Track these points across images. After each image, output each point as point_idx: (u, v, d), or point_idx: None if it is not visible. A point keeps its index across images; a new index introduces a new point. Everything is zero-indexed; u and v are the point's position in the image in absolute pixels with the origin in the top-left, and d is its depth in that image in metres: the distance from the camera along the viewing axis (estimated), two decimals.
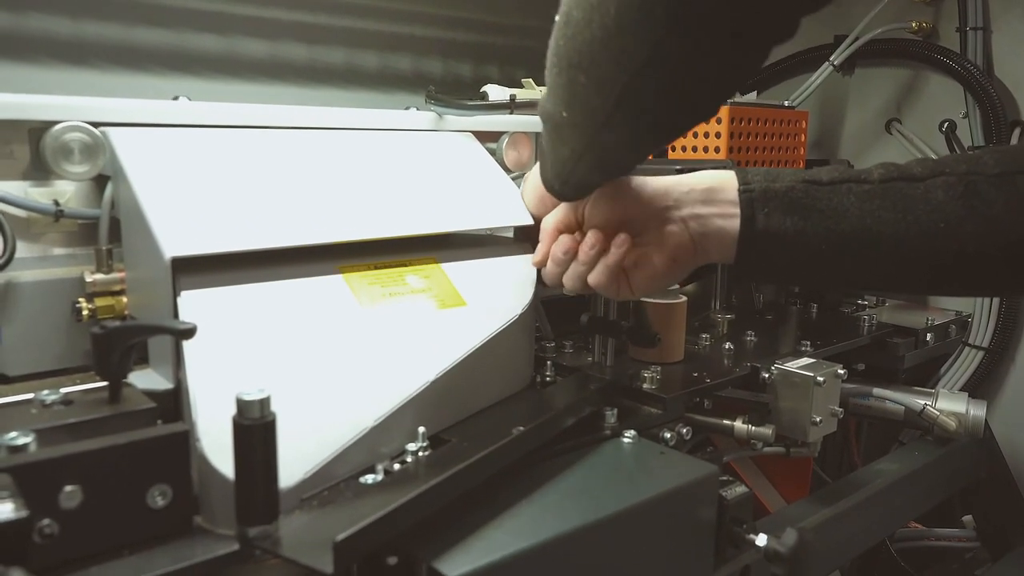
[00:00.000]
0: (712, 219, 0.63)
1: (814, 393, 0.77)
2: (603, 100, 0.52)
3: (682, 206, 0.64)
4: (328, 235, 0.65)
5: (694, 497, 0.61)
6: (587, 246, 0.64)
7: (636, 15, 0.46)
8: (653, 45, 0.47)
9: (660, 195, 0.64)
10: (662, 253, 0.64)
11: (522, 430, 0.59)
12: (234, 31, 0.99)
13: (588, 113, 0.54)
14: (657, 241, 0.64)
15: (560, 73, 0.54)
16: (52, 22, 0.86)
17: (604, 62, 0.50)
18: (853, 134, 1.33)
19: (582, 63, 0.51)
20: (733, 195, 0.62)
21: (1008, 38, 1.14)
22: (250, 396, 0.44)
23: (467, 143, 0.88)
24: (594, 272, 0.65)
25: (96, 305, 0.66)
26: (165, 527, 0.46)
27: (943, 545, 1.13)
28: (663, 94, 0.51)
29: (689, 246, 0.64)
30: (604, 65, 0.50)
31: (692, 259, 0.65)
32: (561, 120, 0.57)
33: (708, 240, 0.63)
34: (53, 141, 0.65)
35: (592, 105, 0.53)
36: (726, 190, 0.63)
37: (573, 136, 0.57)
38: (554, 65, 0.54)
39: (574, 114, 0.55)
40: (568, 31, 0.51)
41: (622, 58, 0.49)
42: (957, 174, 0.59)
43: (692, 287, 1.23)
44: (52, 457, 0.42)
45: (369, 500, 0.50)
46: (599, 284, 0.65)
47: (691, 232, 0.64)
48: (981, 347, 1.15)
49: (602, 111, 0.53)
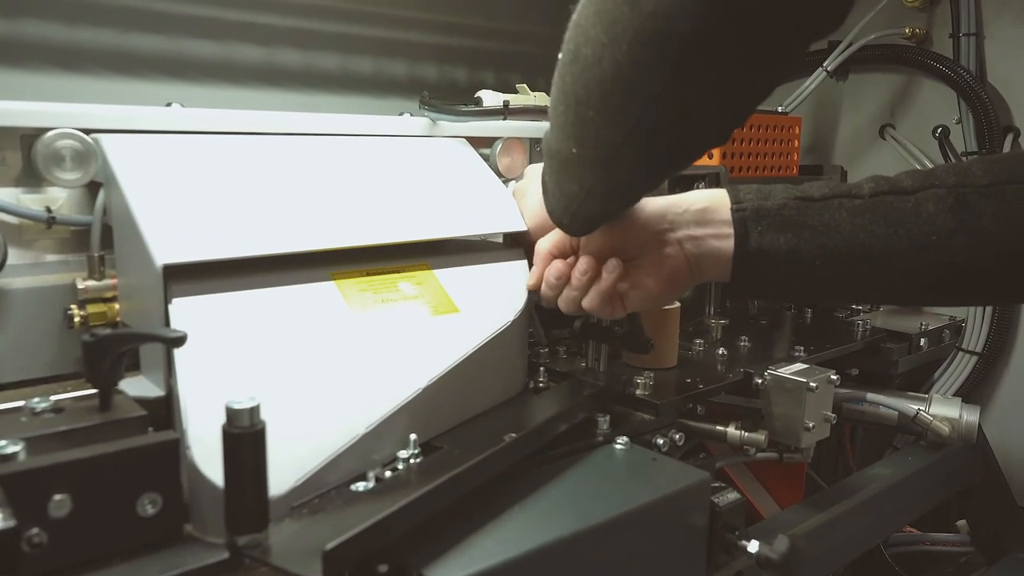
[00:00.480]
0: (707, 240, 0.63)
1: (807, 399, 0.77)
2: (614, 134, 0.52)
3: (677, 228, 0.64)
4: (321, 242, 0.65)
5: (686, 504, 0.61)
6: (579, 272, 0.65)
7: (649, 51, 0.46)
8: (665, 80, 0.47)
9: (655, 219, 0.65)
10: (658, 276, 0.65)
11: (514, 437, 0.60)
12: (229, 37, 0.99)
13: (598, 147, 0.54)
14: (653, 264, 0.65)
15: (568, 110, 0.53)
16: (47, 28, 0.86)
17: (616, 97, 0.49)
18: (847, 140, 1.34)
19: (591, 99, 0.50)
20: (726, 215, 0.62)
21: (1001, 44, 1.14)
22: (240, 405, 0.44)
23: (461, 149, 0.88)
24: (588, 297, 0.66)
25: (88, 312, 0.66)
26: (155, 535, 0.46)
27: (937, 550, 1.14)
28: (674, 125, 0.51)
29: (685, 268, 0.64)
30: (616, 100, 0.49)
31: (688, 280, 0.65)
32: (570, 156, 0.56)
33: (703, 261, 0.64)
34: (44, 148, 0.65)
35: (602, 139, 0.53)
36: (719, 209, 0.63)
37: (582, 171, 0.57)
38: (560, 102, 0.54)
39: (584, 149, 0.55)
40: (576, 68, 0.50)
41: (634, 92, 0.48)
42: (947, 186, 0.59)
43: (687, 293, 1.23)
44: (41, 466, 0.42)
45: (360, 508, 0.50)
46: (593, 308, 0.66)
47: (686, 254, 0.64)
48: (975, 352, 1.15)
49: (612, 145, 0.52)
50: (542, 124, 0.98)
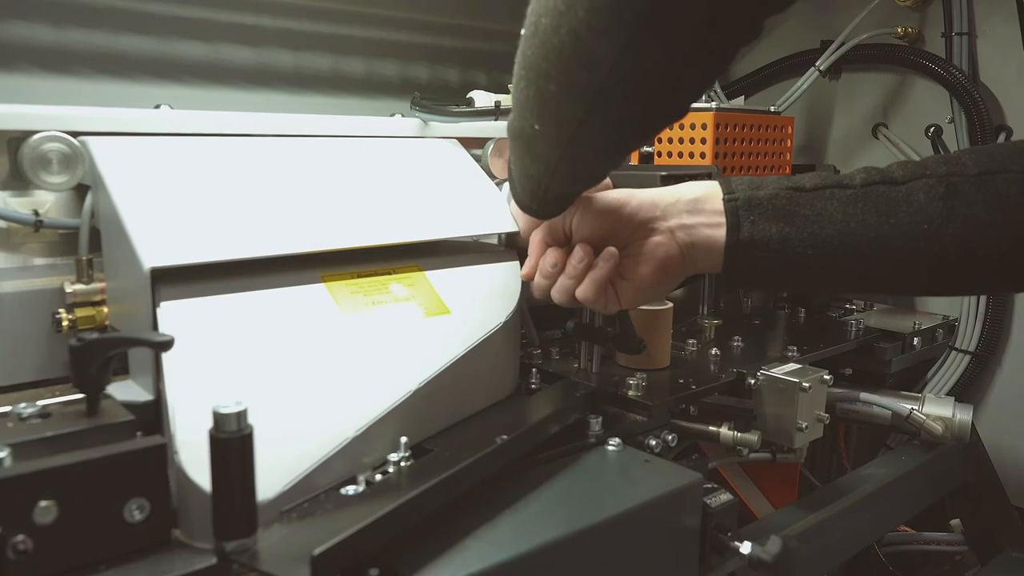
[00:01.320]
0: (699, 228, 0.63)
1: (799, 399, 0.77)
2: (574, 107, 0.52)
3: (669, 217, 0.64)
4: (310, 244, 0.64)
5: (678, 505, 0.61)
6: (575, 259, 0.65)
7: (606, 18, 0.46)
8: (623, 48, 0.47)
9: (647, 207, 0.65)
10: (650, 264, 0.65)
11: (505, 439, 0.59)
12: (219, 38, 0.98)
13: (560, 123, 0.54)
14: (645, 252, 0.65)
15: (529, 84, 0.53)
16: (35, 29, 0.86)
17: (575, 68, 0.49)
18: (840, 139, 1.34)
19: (551, 71, 0.51)
20: (718, 204, 0.62)
21: (993, 43, 1.14)
22: (227, 409, 0.43)
23: (452, 150, 0.87)
24: (582, 286, 0.65)
25: (76, 316, 0.66)
26: (143, 541, 0.46)
27: (931, 549, 1.14)
28: (634, 97, 0.51)
29: (677, 257, 0.64)
30: (575, 71, 0.50)
31: (680, 270, 0.65)
32: (532, 133, 0.56)
33: (696, 250, 0.64)
34: (31, 151, 0.64)
35: (564, 114, 0.53)
36: (711, 199, 0.63)
37: (546, 150, 0.57)
38: (522, 77, 0.54)
39: (546, 125, 0.55)
40: (536, 40, 0.51)
41: (593, 63, 0.48)
42: (937, 175, 0.59)
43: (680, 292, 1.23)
44: (26, 472, 0.42)
45: (350, 511, 0.50)
46: (587, 298, 0.65)
47: (679, 242, 0.64)
48: (968, 351, 1.15)
49: (574, 119, 0.53)
50: None
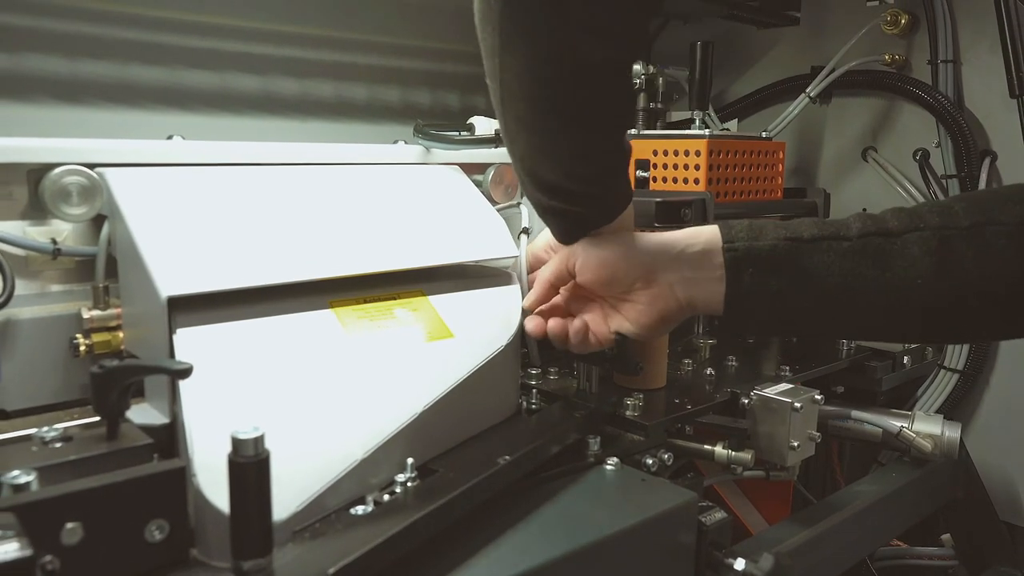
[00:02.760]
0: (700, 282, 0.65)
1: (792, 418, 0.80)
2: (497, 91, 0.60)
3: (670, 270, 0.65)
4: (319, 271, 0.67)
5: (674, 523, 0.63)
6: (573, 331, 0.70)
7: (482, 6, 0.55)
8: (499, 33, 0.55)
9: (648, 259, 0.66)
10: (649, 314, 0.67)
11: (508, 460, 0.62)
12: (226, 67, 1.01)
13: (505, 117, 0.61)
14: (645, 303, 0.67)
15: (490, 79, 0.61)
16: (48, 61, 0.88)
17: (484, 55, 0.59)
18: (830, 162, 1.37)
19: (491, 72, 0.59)
20: (719, 258, 0.64)
21: (977, 71, 1.17)
22: (245, 435, 0.45)
23: (454, 176, 0.90)
24: (581, 347, 0.70)
25: (93, 341, 0.68)
26: (163, 560, 0.48)
27: (923, 563, 1.16)
28: (517, 95, 0.58)
29: (675, 308, 0.66)
30: (486, 58, 0.59)
31: (678, 316, 0.67)
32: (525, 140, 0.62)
33: (695, 301, 0.66)
34: (52, 185, 0.67)
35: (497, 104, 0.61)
36: (713, 254, 0.64)
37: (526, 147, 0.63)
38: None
39: (504, 123, 0.63)
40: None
41: (487, 51, 0.57)
42: (931, 228, 0.61)
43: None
44: (53, 496, 0.44)
45: (360, 531, 0.52)
46: (581, 352, 0.72)
47: (678, 295, 0.66)
48: (956, 370, 1.18)
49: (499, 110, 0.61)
50: None
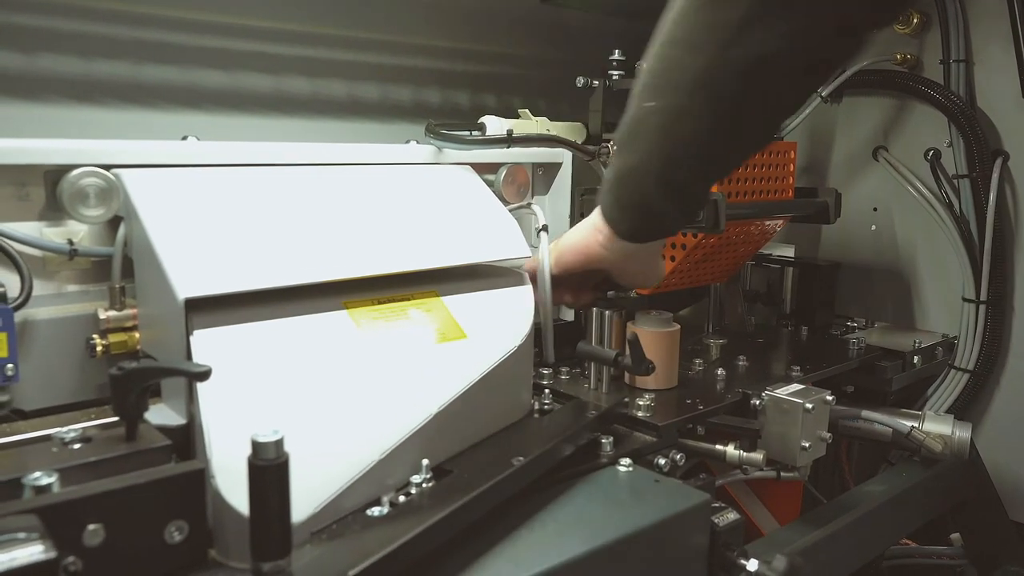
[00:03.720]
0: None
1: (803, 419, 0.80)
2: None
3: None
4: (333, 272, 0.67)
5: (687, 525, 0.63)
6: None
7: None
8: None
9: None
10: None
11: (522, 461, 0.62)
12: (239, 67, 1.01)
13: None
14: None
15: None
16: (62, 62, 0.89)
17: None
18: (841, 162, 1.36)
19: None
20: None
21: (989, 70, 1.17)
22: (265, 438, 0.46)
23: (466, 176, 0.90)
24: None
25: (109, 341, 0.68)
26: (182, 561, 0.48)
27: (933, 562, 1.16)
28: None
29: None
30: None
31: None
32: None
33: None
34: (70, 187, 0.67)
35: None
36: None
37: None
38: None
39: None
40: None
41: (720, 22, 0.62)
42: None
43: (686, 311, 1.26)
44: (76, 497, 0.44)
45: (377, 533, 0.53)
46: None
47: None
48: (967, 369, 1.17)
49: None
50: (543, 150, 1.01)
